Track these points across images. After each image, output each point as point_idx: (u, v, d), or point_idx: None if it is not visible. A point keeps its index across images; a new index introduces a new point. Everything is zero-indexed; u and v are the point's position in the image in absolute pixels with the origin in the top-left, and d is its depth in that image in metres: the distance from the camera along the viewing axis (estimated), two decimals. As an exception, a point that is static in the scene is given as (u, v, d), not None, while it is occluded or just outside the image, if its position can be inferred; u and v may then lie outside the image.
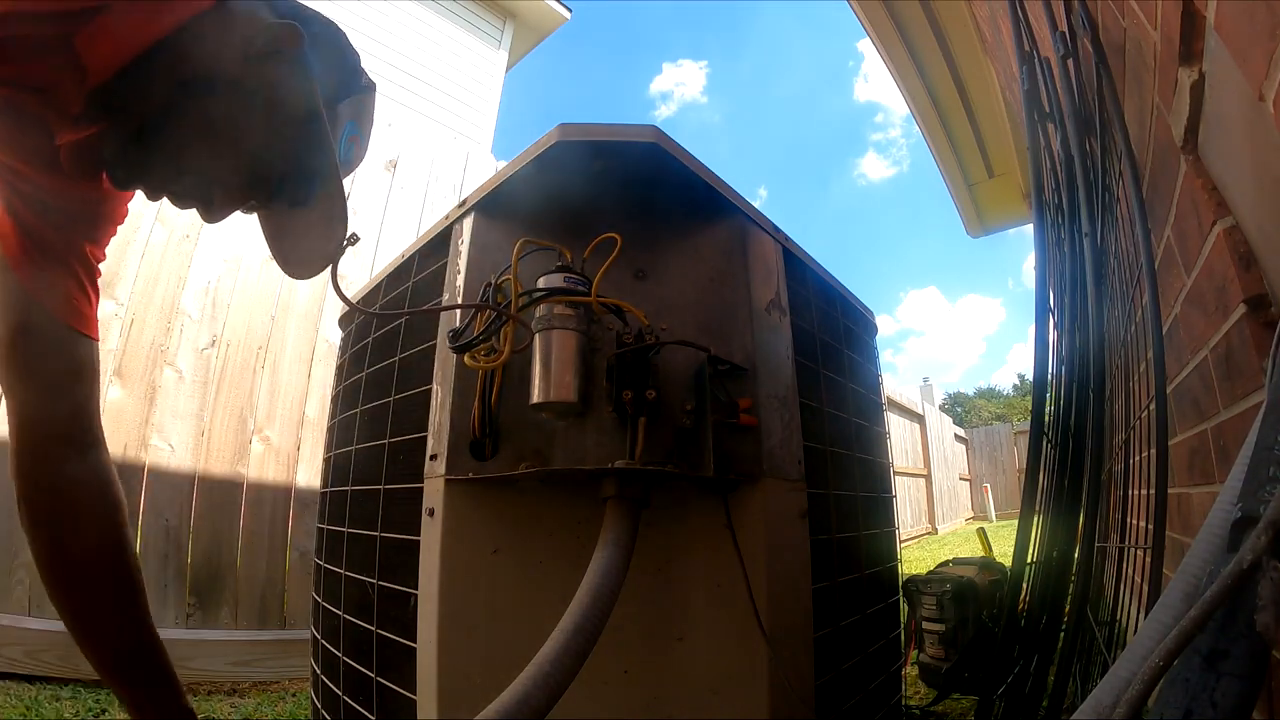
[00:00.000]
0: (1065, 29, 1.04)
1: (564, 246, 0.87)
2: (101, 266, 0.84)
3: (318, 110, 0.66)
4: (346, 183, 0.74)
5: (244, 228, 2.18)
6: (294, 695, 1.78)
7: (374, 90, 0.80)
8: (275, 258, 0.76)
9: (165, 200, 0.67)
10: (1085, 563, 0.89)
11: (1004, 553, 1.75)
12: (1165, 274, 0.86)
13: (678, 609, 0.82)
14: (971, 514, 11.26)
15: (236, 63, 0.63)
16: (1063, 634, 0.92)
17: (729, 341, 0.88)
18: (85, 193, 0.77)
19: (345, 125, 0.74)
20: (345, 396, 1.22)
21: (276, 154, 0.66)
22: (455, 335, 0.80)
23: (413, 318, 1.01)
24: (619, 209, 0.91)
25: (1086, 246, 0.94)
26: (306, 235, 0.72)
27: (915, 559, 4.96)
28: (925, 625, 1.46)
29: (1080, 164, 0.97)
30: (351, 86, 0.75)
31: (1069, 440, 0.99)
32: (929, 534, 7.92)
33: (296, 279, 0.79)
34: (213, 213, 0.68)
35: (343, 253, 0.71)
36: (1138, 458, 0.93)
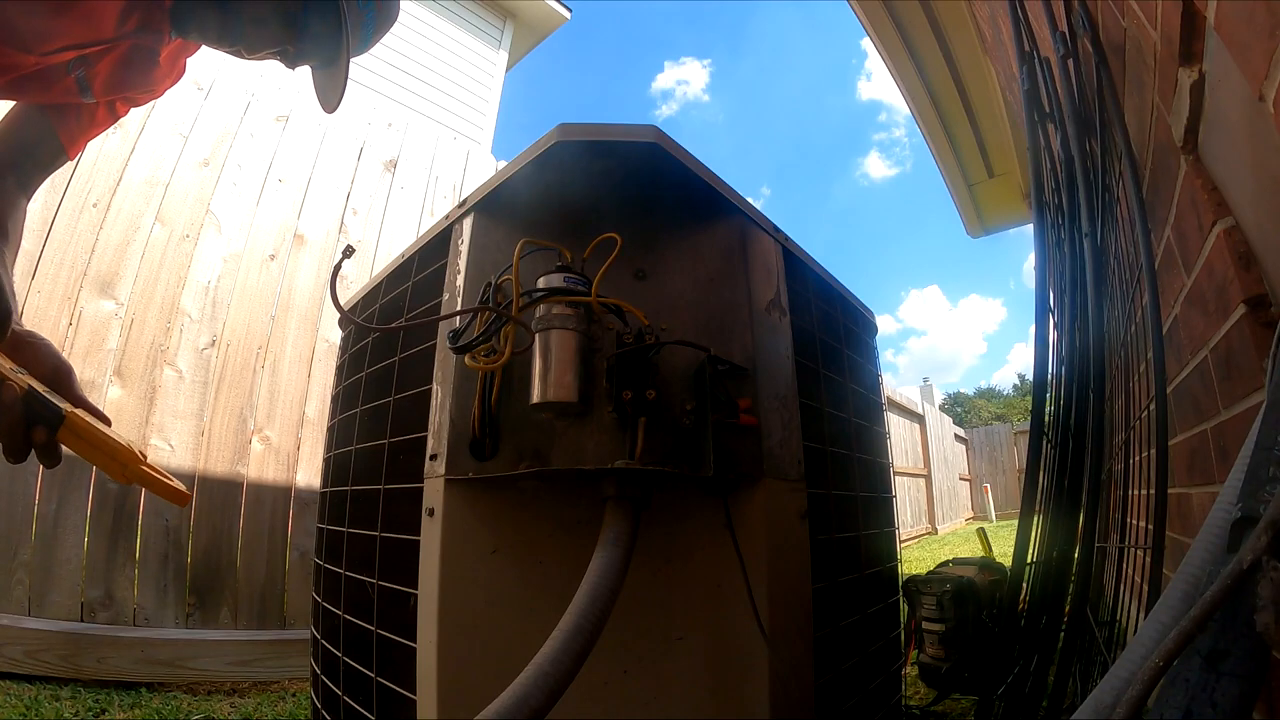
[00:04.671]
0: (1065, 29, 1.04)
1: (564, 246, 0.87)
2: (102, 267, 0.84)
3: None
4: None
5: (243, 228, 2.19)
6: (294, 695, 1.78)
7: None
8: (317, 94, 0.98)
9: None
10: (1085, 563, 0.89)
11: (1004, 553, 1.75)
12: (1165, 274, 0.86)
13: (678, 609, 0.82)
14: (971, 514, 11.25)
15: None
16: (1063, 634, 0.92)
17: (729, 341, 0.88)
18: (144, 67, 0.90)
19: None
20: (345, 396, 1.22)
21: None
22: (455, 336, 0.80)
23: (411, 316, 1.01)
24: (619, 209, 0.91)
25: (1086, 246, 0.94)
26: (332, 81, 0.93)
27: (915, 559, 4.96)
28: (925, 625, 1.46)
29: (1080, 164, 0.97)
30: None
31: (1069, 440, 0.99)
32: (929, 534, 7.92)
33: (327, 113, 0.99)
34: (250, 51, 0.84)
35: (340, 265, 0.79)
36: (1138, 458, 0.93)
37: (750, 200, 0.97)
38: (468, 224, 0.92)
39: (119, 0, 0.73)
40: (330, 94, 0.95)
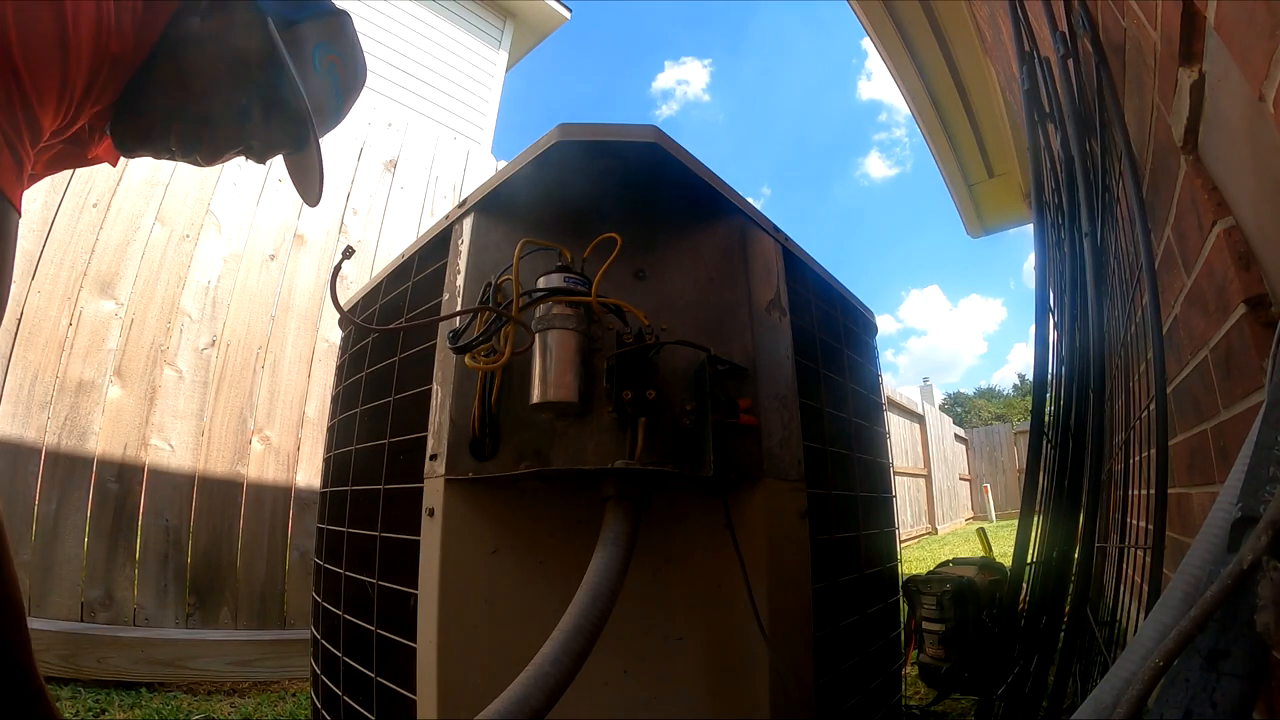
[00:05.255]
0: (1065, 29, 1.04)
1: (564, 246, 0.87)
2: (102, 267, 0.87)
3: (271, 38, 0.74)
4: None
5: (243, 228, 2.18)
6: (294, 695, 1.78)
7: (344, 14, 0.85)
8: (295, 185, 0.89)
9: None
10: (1085, 563, 0.89)
11: (1004, 553, 1.75)
12: (1165, 274, 0.86)
13: (678, 609, 0.82)
14: (971, 514, 11.25)
15: (190, 24, 0.72)
16: (1063, 634, 0.92)
17: (729, 341, 0.88)
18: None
19: (314, 47, 0.79)
20: (345, 396, 1.22)
21: (240, 84, 0.74)
22: (455, 336, 0.80)
23: (411, 316, 1.01)
24: (619, 209, 0.91)
25: (1086, 246, 0.94)
26: (308, 171, 0.85)
27: (915, 559, 4.96)
28: (925, 625, 1.46)
29: (1080, 164, 0.97)
30: (307, 9, 0.80)
31: (1069, 440, 0.99)
32: (929, 534, 7.92)
33: (310, 206, 0.93)
34: (211, 156, 0.77)
35: (340, 266, 0.78)
36: (1138, 458, 0.93)
37: (750, 200, 0.97)
38: (468, 224, 0.92)
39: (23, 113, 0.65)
40: (308, 184, 0.86)
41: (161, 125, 0.73)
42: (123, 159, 0.91)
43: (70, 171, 1.84)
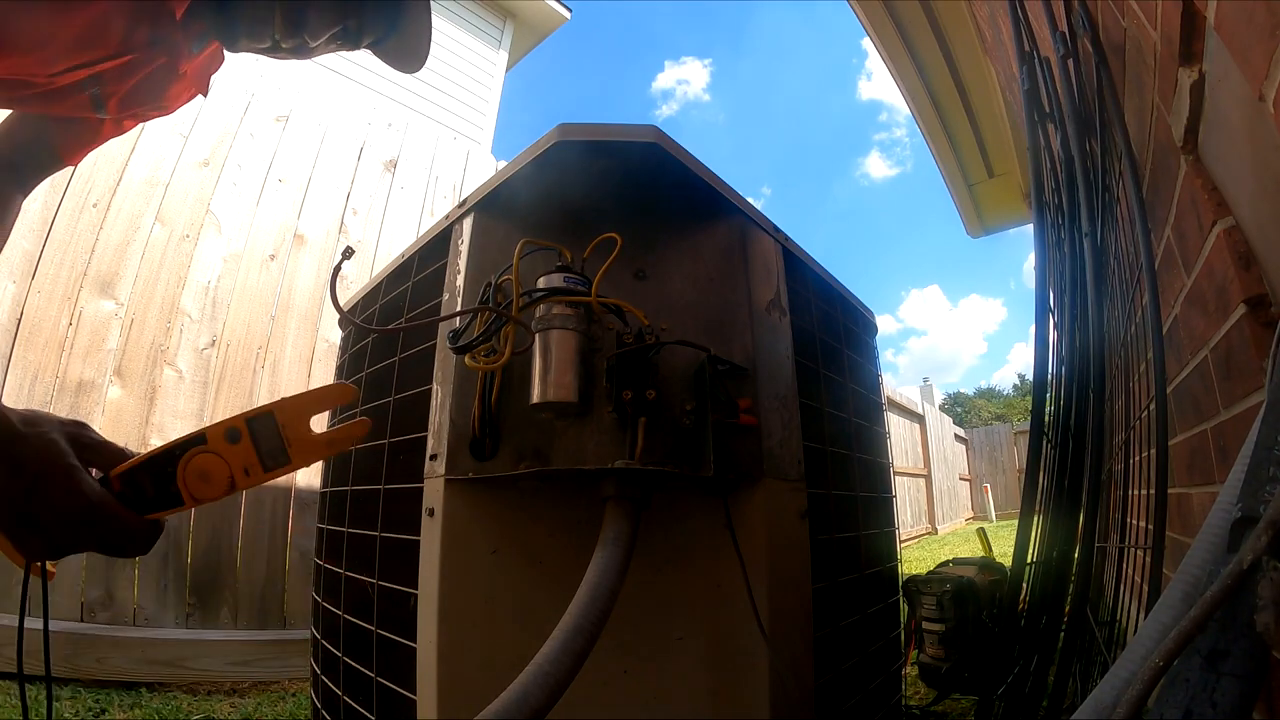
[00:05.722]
0: (1065, 29, 1.04)
1: (564, 246, 0.87)
2: (102, 267, 0.86)
3: None
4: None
5: (243, 228, 2.19)
6: (294, 695, 1.78)
7: None
8: (391, 65, 0.87)
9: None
10: (1085, 563, 0.89)
11: (1004, 553, 1.75)
12: (1165, 274, 0.86)
13: (678, 609, 0.82)
14: (971, 514, 11.25)
15: None
16: (1063, 634, 0.92)
17: (729, 341, 0.88)
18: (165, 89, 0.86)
19: None
20: (345, 396, 1.22)
21: None
22: (455, 336, 0.80)
23: (411, 316, 1.01)
24: (619, 209, 0.91)
25: (1086, 246, 0.94)
26: (403, 48, 0.84)
27: (915, 559, 4.96)
28: (925, 625, 1.46)
29: (1080, 164, 0.97)
30: None
31: (1069, 440, 0.99)
32: (929, 534, 7.92)
33: (411, 73, 0.90)
34: (316, 34, 0.74)
35: (340, 266, 0.77)
36: (1138, 458, 0.93)
37: (750, 200, 0.97)
38: (468, 224, 0.92)
39: (122, 14, 0.67)
40: (410, 55, 0.85)
41: (266, 8, 0.71)
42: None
43: (70, 171, 1.84)
